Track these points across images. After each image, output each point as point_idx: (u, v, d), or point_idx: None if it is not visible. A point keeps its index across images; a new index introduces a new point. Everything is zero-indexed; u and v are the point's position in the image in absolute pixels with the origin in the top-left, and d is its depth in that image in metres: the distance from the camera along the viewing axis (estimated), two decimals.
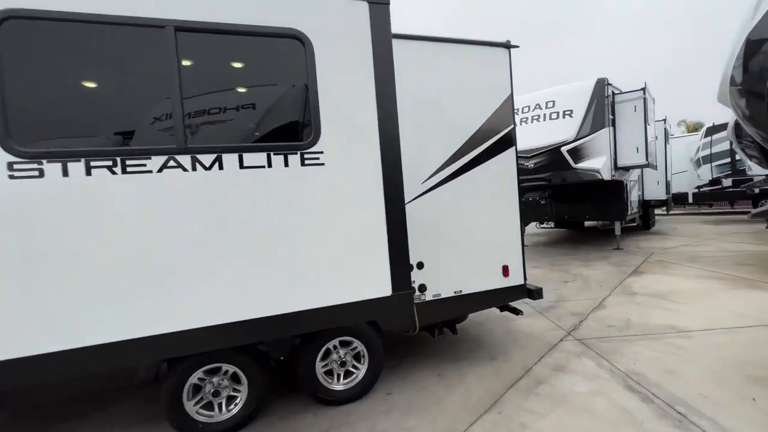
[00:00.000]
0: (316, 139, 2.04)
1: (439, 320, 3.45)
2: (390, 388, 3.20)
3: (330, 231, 2.09)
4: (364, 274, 2.17)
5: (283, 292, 2.03)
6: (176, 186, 1.79)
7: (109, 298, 1.86)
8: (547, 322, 4.56)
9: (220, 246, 1.91)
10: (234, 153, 1.88)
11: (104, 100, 1.79)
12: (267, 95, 2.04)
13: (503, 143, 3.49)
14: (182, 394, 2.59)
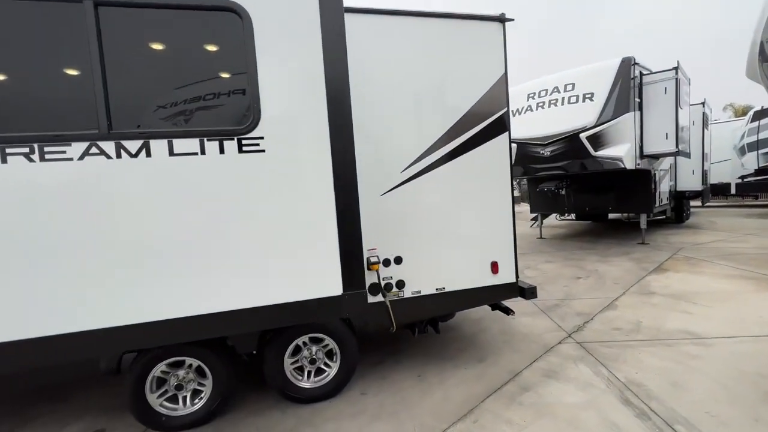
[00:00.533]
0: (255, 124, 1.86)
1: (420, 318, 3.24)
2: (366, 387, 3.06)
3: (271, 225, 1.93)
4: (311, 272, 2.00)
5: (215, 289, 1.90)
6: (100, 174, 1.67)
7: (46, 292, 1.79)
8: (549, 322, 4.26)
9: (146, 240, 1.79)
10: (163, 139, 1.75)
11: (21, 83, 1.68)
12: (200, 76, 1.88)
13: (495, 128, 3.19)
14: (145, 387, 2.56)
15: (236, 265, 1.90)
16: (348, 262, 2.00)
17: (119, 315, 1.81)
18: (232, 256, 1.89)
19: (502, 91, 3.19)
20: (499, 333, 4.02)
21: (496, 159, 3.21)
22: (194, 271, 1.85)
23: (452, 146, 3.08)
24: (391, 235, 2.99)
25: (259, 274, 1.94)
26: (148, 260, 1.79)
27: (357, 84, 2.80)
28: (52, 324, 1.83)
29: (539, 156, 7.98)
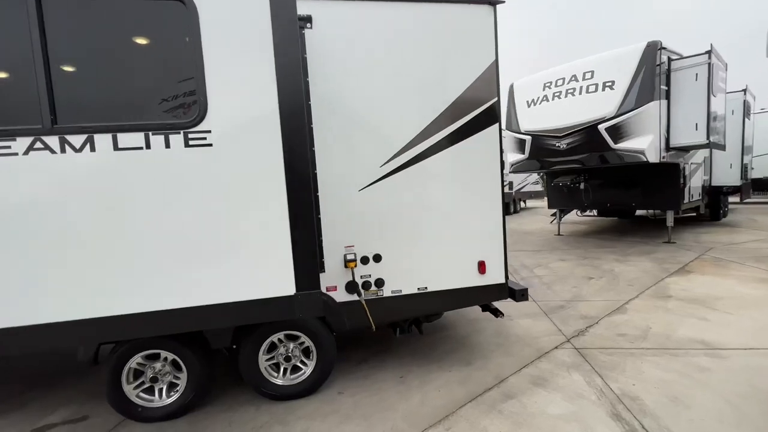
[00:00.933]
0: (202, 117, 1.80)
1: (401, 318, 3.13)
2: (345, 386, 3.00)
3: (220, 222, 1.87)
4: (262, 271, 1.93)
5: (161, 287, 1.87)
6: (45, 170, 1.67)
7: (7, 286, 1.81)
8: (549, 325, 4.03)
9: (92, 236, 1.78)
10: (107, 133, 1.72)
11: None
12: (145, 67, 1.83)
13: (484, 120, 2.99)
14: (121, 377, 2.60)
15: (183, 263, 1.86)
16: (301, 261, 1.91)
17: (67, 310, 1.82)
18: (179, 254, 1.85)
19: (493, 80, 2.98)
20: (494, 335, 3.85)
21: (484, 152, 3.02)
22: (139, 269, 1.83)
23: (436, 139, 2.92)
24: (369, 232, 2.88)
25: (207, 272, 1.89)
26: (97, 256, 1.78)
27: (330, 75, 2.72)
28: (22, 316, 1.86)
29: (555, 149, 7.58)
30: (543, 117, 7.72)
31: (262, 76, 1.80)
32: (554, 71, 7.73)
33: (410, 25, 2.76)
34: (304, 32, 2.66)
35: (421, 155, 2.91)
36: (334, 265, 2.84)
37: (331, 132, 2.75)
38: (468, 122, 2.97)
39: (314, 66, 2.69)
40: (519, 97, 8.33)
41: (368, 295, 2.92)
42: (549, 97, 7.66)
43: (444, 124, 2.93)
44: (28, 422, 2.75)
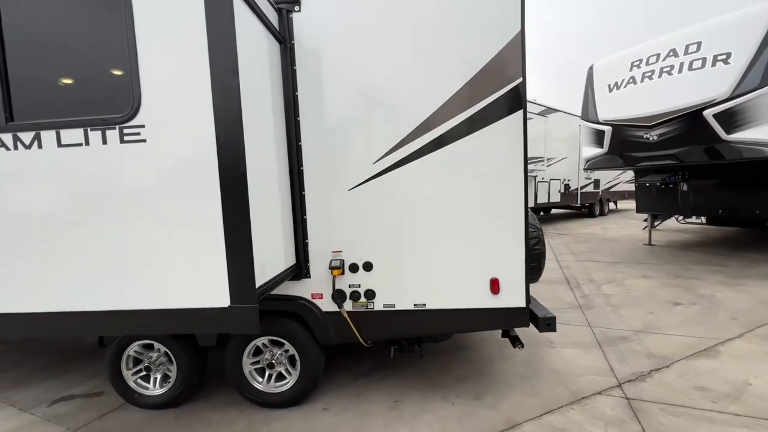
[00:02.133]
0: (137, 111, 1.68)
1: (395, 336, 2.75)
2: (333, 403, 2.76)
3: (153, 224, 1.74)
4: (195, 279, 1.76)
5: (95, 287, 1.81)
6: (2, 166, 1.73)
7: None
8: (599, 361, 3.25)
9: (39, 234, 1.80)
10: (51, 129, 1.71)
11: None
12: (84, 59, 1.77)
13: (505, 105, 2.43)
14: (121, 363, 2.74)
15: (116, 264, 1.79)
16: (236, 273, 1.70)
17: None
18: (113, 255, 1.78)
19: (517, 56, 2.40)
20: (523, 364, 3.23)
21: (504, 145, 2.46)
22: (78, 268, 1.81)
23: (442, 130, 2.46)
24: (360, 237, 2.57)
25: (139, 275, 1.80)
26: (42, 253, 1.81)
27: (320, 62, 2.45)
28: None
29: (642, 141, 6.22)
30: (628, 103, 6.40)
31: (195, 66, 1.61)
32: (646, 46, 6.32)
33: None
34: (291, 16, 2.45)
35: (423, 149, 2.48)
36: (322, 271, 2.60)
37: (318, 125, 2.50)
38: (483, 109, 2.44)
39: (302, 52, 2.46)
40: (599, 81, 7.05)
41: (357, 307, 2.62)
42: (637, 78, 6.30)
43: (453, 112, 2.45)
44: (53, 392, 3.08)
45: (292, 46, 2.45)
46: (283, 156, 2.46)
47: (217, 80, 1.61)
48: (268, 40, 2.28)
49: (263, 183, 2.13)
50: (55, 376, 3.34)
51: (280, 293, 2.58)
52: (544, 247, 3.30)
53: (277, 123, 2.38)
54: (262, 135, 2.15)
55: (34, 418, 2.73)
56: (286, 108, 2.46)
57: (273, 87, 2.35)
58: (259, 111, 2.13)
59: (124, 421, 2.65)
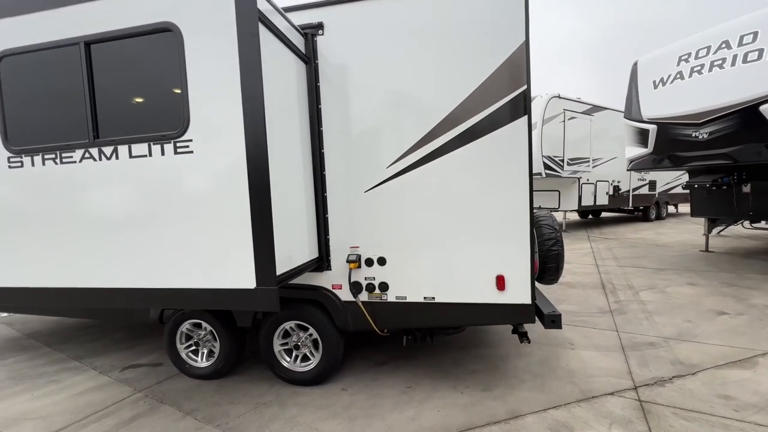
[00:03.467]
0: (186, 128, 2.08)
1: (407, 326, 2.97)
2: (351, 384, 3.04)
3: (200, 219, 2.13)
4: (230, 264, 2.11)
5: (157, 269, 2.25)
6: (91, 173, 2.23)
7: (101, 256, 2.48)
8: (619, 364, 3.22)
9: (113, 225, 2.29)
10: (125, 144, 2.17)
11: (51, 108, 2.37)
12: (151, 88, 2.20)
13: (509, 112, 2.57)
14: (176, 339, 3.25)
15: (170, 251, 2.22)
16: (261, 259, 2.04)
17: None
18: (169, 243, 2.21)
19: (522, 65, 2.53)
20: (538, 363, 3.29)
21: (509, 149, 2.59)
22: (142, 254, 2.27)
23: (449, 137, 2.66)
24: (375, 234, 2.83)
25: (191, 259, 2.21)
26: (119, 241, 2.29)
27: (341, 80, 2.76)
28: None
29: (691, 140, 5.84)
30: (674, 99, 6.03)
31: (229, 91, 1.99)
32: (695, 39, 5.92)
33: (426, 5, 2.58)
34: (316, 39, 2.79)
35: (432, 155, 2.70)
36: (341, 264, 2.90)
37: (338, 134, 2.81)
38: (489, 116, 2.60)
39: (325, 70, 2.79)
40: (643, 77, 6.70)
41: (372, 298, 2.88)
42: (685, 73, 5.93)
43: (459, 120, 2.64)
44: (124, 360, 3.69)
45: (316, 65, 2.79)
46: (308, 162, 2.81)
47: (247, 101, 1.97)
48: (294, 62, 2.63)
49: (288, 186, 2.48)
50: (126, 348, 3.98)
51: (305, 283, 2.93)
52: (562, 248, 3.34)
53: (303, 133, 2.73)
54: (289, 145, 2.51)
55: (110, 380, 3.32)
56: (310, 120, 2.80)
57: (299, 102, 2.70)
58: (285, 125, 2.48)
59: (178, 386, 3.14)
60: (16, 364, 3.74)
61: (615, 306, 4.74)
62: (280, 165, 2.28)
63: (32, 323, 4.93)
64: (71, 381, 3.34)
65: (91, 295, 2.36)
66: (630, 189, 13.46)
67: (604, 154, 12.33)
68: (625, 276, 6.22)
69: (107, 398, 3.01)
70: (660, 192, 14.77)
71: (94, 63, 2.19)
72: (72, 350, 4.01)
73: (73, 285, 2.38)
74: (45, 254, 2.41)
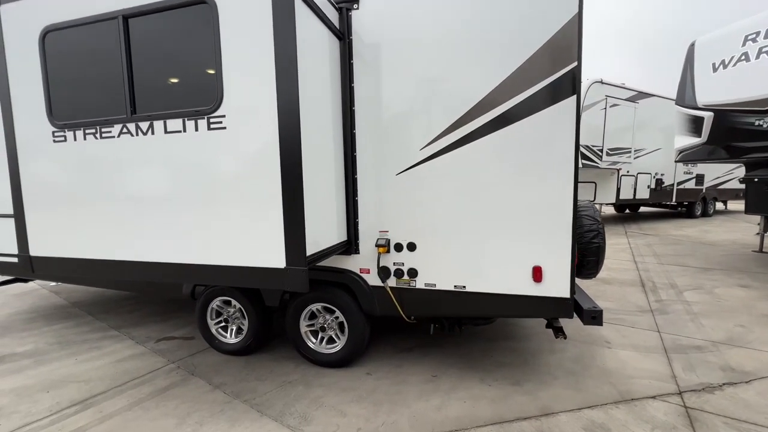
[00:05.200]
0: (219, 104, 2.04)
1: (436, 315, 2.89)
2: (376, 369, 3.02)
3: (231, 195, 2.11)
4: (261, 244, 2.08)
5: (189, 244, 2.26)
6: (128, 148, 2.26)
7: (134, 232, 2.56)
8: (661, 366, 3.01)
9: (148, 202, 2.32)
10: (160, 120, 2.17)
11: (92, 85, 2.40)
12: (186, 63, 2.17)
13: (555, 92, 2.37)
14: (206, 314, 3.34)
15: (203, 226, 2.23)
16: (292, 239, 2.00)
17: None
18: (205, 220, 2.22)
19: (573, 40, 2.31)
20: (572, 359, 3.14)
21: (554, 132, 2.41)
22: (178, 229, 2.30)
23: (488, 117, 2.50)
24: (405, 219, 2.74)
25: (222, 236, 2.21)
26: (155, 215, 2.33)
27: (375, 55, 2.65)
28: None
29: (754, 129, 5.31)
30: (737, 84, 5.48)
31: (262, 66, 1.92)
32: (765, 16, 5.32)
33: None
34: (350, 14, 2.68)
35: (469, 137, 2.55)
36: (370, 248, 2.84)
37: (371, 114, 2.71)
38: (533, 96, 2.42)
39: (360, 47, 2.68)
40: (701, 59, 6.12)
41: (400, 284, 2.82)
42: (751, 54, 5.35)
43: (500, 100, 2.47)
44: (159, 333, 3.85)
45: (350, 41, 2.68)
46: (339, 142, 2.73)
47: (281, 77, 1.91)
48: (328, 37, 2.54)
49: (320, 167, 2.43)
50: (162, 321, 4.15)
51: (333, 266, 2.90)
52: (603, 241, 3.12)
53: (335, 113, 2.66)
54: (321, 124, 2.44)
55: (145, 350, 3.47)
56: (343, 99, 2.71)
57: (332, 80, 2.61)
58: (318, 103, 2.41)
59: (208, 360, 3.24)
60: (63, 330, 3.99)
61: (656, 305, 4.45)
62: (312, 144, 2.22)
63: (77, 293, 5.25)
64: (111, 348, 3.52)
65: (126, 267, 2.43)
66: (674, 183, 12.60)
67: (647, 144, 11.56)
68: (666, 274, 5.84)
69: (143, 367, 3.15)
70: (708, 187, 13.74)
71: (131, 37, 2.19)
72: (112, 320, 4.23)
73: (109, 257, 2.46)
74: (86, 227, 2.50)
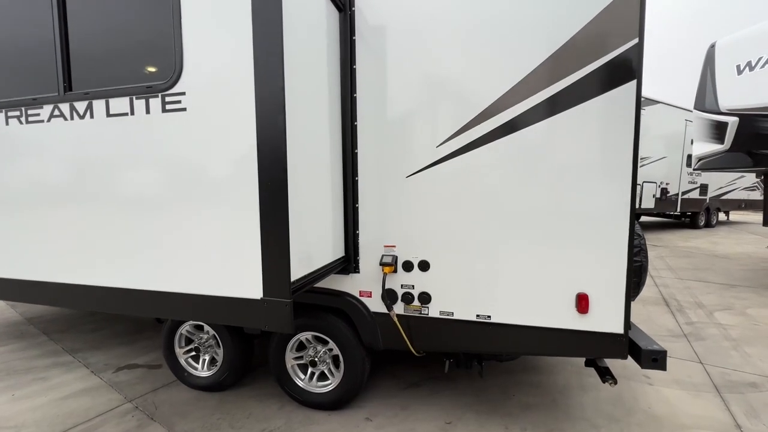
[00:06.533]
0: (178, 78, 1.53)
1: (452, 350, 2.37)
2: (378, 413, 2.49)
3: (191, 199, 1.59)
4: (230, 263, 1.57)
5: (128, 261, 1.72)
6: (62, 136, 1.73)
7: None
8: (717, 411, 2.52)
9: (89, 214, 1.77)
10: (101, 99, 1.64)
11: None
12: (134, 25, 1.66)
13: (611, 74, 1.89)
14: (174, 341, 2.78)
15: (156, 239, 1.69)
16: (271, 259, 1.48)
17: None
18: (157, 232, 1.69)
19: (633, 12, 1.85)
20: (609, 400, 2.63)
21: (607, 125, 1.93)
22: (123, 242, 1.75)
23: (526, 105, 2.01)
24: (417, 232, 2.24)
25: (178, 254, 1.68)
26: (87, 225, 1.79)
27: (373, 26, 2.16)
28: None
29: None
30: (764, 87, 5.09)
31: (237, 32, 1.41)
32: None
33: None
34: None
35: (499, 130, 2.06)
36: (372, 266, 2.33)
37: (377, 102, 2.21)
38: (584, 79, 1.93)
39: (363, 21, 2.19)
40: (723, 61, 5.74)
41: (409, 311, 2.30)
42: None
43: (544, 83, 1.98)
44: (121, 359, 3.27)
45: (352, 13, 2.19)
46: (337, 136, 2.23)
47: (259, 44, 1.41)
48: (325, 5, 2.04)
49: (310, 165, 1.91)
50: (126, 344, 3.57)
51: (326, 287, 2.38)
52: (646, 259, 2.64)
53: (332, 99, 2.15)
54: (313, 111, 1.93)
55: (100, 382, 2.89)
56: (342, 82, 2.21)
57: (329, 58, 2.12)
58: (310, 84, 1.91)
59: (174, 398, 2.68)
60: (7, 354, 3.40)
61: (688, 329, 3.98)
62: (300, 135, 1.71)
63: (36, 307, 4.64)
64: (59, 380, 2.94)
65: (55, 291, 1.89)
66: (679, 192, 12.27)
67: (652, 152, 11.20)
68: (689, 291, 5.39)
69: (93, 407, 2.58)
70: (711, 197, 13.45)
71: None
72: (69, 341, 3.64)
73: (33, 278, 1.91)
74: (4, 239, 1.95)
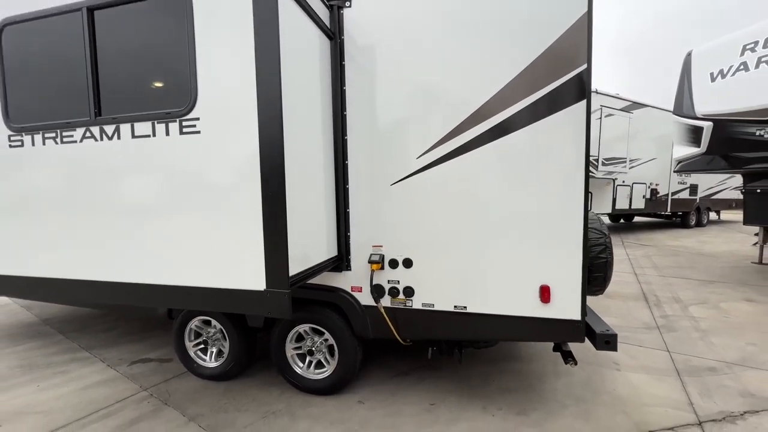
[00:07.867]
0: (193, 105, 1.83)
1: (435, 338, 2.65)
2: (369, 397, 2.76)
3: (205, 206, 1.88)
4: (238, 260, 1.85)
5: (158, 263, 2.01)
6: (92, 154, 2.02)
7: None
8: (676, 392, 2.80)
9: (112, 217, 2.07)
10: (127, 123, 1.94)
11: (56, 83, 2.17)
12: (157, 60, 1.96)
13: (565, 94, 2.19)
14: (184, 336, 3.06)
15: (174, 241, 1.98)
16: (273, 257, 1.77)
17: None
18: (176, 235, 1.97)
19: (582, 41, 2.15)
20: (580, 384, 2.91)
21: (563, 138, 2.22)
22: (149, 244, 2.05)
23: (489, 125, 2.31)
24: (401, 233, 2.53)
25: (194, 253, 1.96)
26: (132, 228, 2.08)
27: (369, 55, 2.46)
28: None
29: (754, 139, 5.22)
30: (736, 94, 5.40)
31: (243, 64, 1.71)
32: (763, 26, 5.27)
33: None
34: (342, 12, 2.49)
35: (469, 144, 2.35)
36: (362, 264, 2.61)
37: (364, 119, 2.51)
38: (540, 100, 2.23)
39: (352, 47, 2.49)
40: (698, 69, 6.06)
41: (395, 304, 2.58)
42: (750, 64, 5.28)
43: (504, 105, 2.28)
44: (134, 354, 3.54)
45: (341, 41, 2.49)
46: (330, 149, 2.52)
47: (262, 76, 1.70)
48: (318, 36, 2.34)
49: (306, 176, 2.20)
50: (139, 340, 3.85)
51: (321, 283, 2.66)
52: (611, 256, 2.92)
53: (324, 117, 2.45)
54: (308, 128, 2.23)
55: (116, 374, 3.16)
56: (333, 102, 2.51)
57: (322, 81, 2.41)
58: (305, 106, 2.20)
59: (185, 387, 2.95)
60: (28, 351, 3.67)
61: (662, 321, 4.26)
62: (297, 150, 2.00)
63: (50, 308, 4.91)
64: (78, 373, 3.21)
65: (85, 288, 2.17)
66: (669, 193, 12.59)
67: (642, 154, 11.55)
68: (669, 287, 5.67)
69: (112, 395, 2.85)
70: (701, 197, 13.77)
71: (97, 31, 1.97)
72: (84, 339, 3.91)
73: (67, 276, 2.19)
74: (43, 242, 2.24)
